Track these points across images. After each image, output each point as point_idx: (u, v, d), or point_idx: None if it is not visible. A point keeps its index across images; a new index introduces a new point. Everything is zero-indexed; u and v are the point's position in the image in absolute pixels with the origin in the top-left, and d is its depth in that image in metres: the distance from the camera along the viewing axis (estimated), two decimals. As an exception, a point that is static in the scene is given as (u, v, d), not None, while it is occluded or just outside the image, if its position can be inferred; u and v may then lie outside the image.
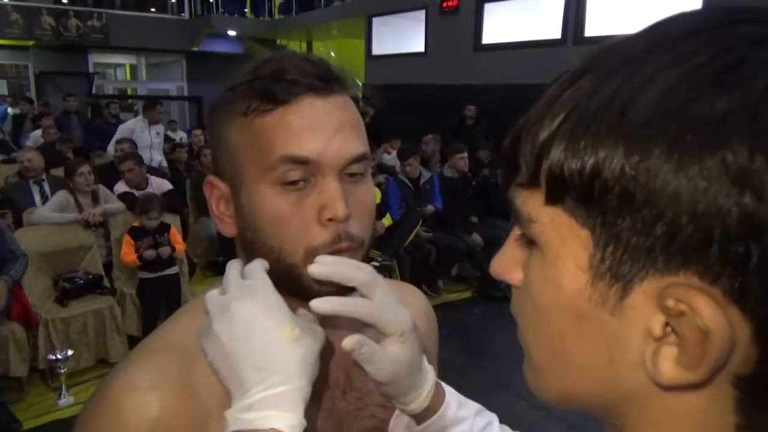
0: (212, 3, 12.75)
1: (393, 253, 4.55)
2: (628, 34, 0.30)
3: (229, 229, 0.58)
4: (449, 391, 0.59)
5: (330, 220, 0.52)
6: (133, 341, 3.57)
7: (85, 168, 3.87)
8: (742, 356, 0.26)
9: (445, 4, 8.63)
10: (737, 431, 0.27)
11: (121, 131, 5.77)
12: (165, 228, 3.72)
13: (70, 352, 3.09)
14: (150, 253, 3.56)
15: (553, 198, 0.29)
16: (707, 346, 0.25)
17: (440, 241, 4.83)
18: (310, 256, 0.52)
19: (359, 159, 0.55)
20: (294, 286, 0.55)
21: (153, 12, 13.06)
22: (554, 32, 7.29)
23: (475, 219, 5.22)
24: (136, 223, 3.65)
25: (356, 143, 0.55)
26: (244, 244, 0.57)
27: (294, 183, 0.53)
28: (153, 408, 0.52)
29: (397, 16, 9.63)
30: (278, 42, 13.88)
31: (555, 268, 0.30)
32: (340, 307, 0.50)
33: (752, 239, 0.24)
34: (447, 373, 0.83)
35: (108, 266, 3.82)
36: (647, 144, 0.25)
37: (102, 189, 3.97)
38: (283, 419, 0.45)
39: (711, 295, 0.25)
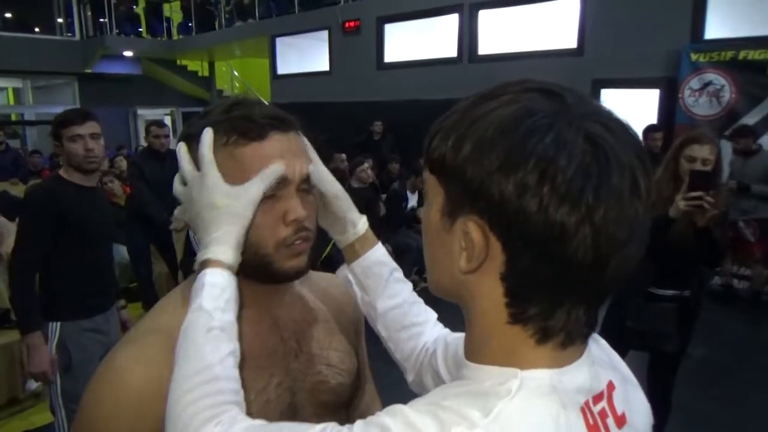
0: (105, 23, 12.29)
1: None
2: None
3: None
4: (379, 245, 0.84)
5: (293, 220, 0.71)
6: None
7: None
8: (499, 261, 0.47)
9: (346, 25, 8.91)
10: (506, 308, 0.49)
11: None
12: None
13: (-21, 391, 2.96)
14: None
15: (429, 169, 0.52)
16: (472, 250, 0.48)
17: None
18: (279, 246, 0.71)
19: (308, 177, 0.74)
20: (266, 271, 0.73)
21: (39, 33, 12.36)
22: (451, 51, 7.77)
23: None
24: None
25: (306, 166, 0.74)
26: None
27: (269, 197, 0.70)
28: (141, 378, 0.66)
29: (301, 36, 9.79)
30: (178, 62, 13.61)
31: (430, 208, 0.53)
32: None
33: (492, 198, 0.45)
34: (375, 369, 0.99)
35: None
36: (466, 149, 0.47)
37: (3, 222, 3.80)
38: (211, 252, 0.68)
39: (478, 224, 0.47)
